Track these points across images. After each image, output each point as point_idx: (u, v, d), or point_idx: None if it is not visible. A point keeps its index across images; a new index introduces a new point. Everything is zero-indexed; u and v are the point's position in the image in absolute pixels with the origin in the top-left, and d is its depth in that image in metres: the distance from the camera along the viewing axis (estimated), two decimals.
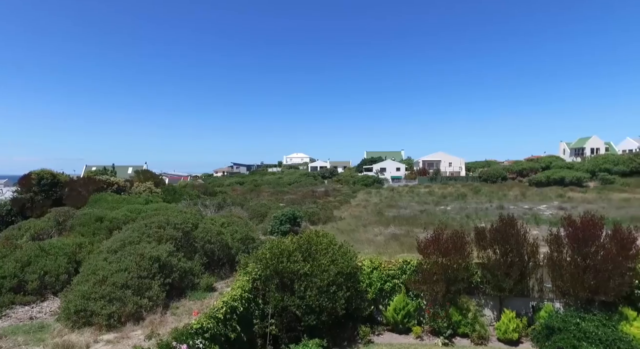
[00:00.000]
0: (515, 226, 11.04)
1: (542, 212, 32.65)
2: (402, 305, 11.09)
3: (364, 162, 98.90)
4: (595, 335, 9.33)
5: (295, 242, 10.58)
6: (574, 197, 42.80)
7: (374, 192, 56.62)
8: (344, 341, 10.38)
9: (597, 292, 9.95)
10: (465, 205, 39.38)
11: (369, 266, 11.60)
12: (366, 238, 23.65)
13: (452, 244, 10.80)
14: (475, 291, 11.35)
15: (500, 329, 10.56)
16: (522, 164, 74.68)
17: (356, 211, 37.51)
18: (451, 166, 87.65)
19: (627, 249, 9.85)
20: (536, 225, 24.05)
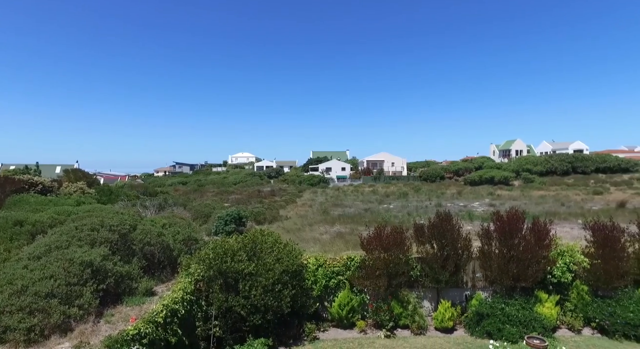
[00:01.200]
0: (451, 221, 11.78)
1: (475, 209, 35.08)
2: (347, 301, 11.37)
3: (310, 162, 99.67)
4: (516, 318, 10.31)
5: (239, 241, 10.42)
6: (502, 195, 46.57)
7: (319, 192, 57.22)
8: (289, 339, 10.40)
9: (519, 279, 10.98)
10: (407, 203, 41.17)
11: (314, 264, 11.75)
12: (312, 237, 23.86)
13: (393, 240, 11.27)
14: (415, 284, 11.95)
15: (438, 318, 11.23)
16: (458, 165, 79.74)
17: (302, 211, 37.67)
18: (394, 165, 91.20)
19: (542, 239, 11.00)
20: (470, 221, 25.80)
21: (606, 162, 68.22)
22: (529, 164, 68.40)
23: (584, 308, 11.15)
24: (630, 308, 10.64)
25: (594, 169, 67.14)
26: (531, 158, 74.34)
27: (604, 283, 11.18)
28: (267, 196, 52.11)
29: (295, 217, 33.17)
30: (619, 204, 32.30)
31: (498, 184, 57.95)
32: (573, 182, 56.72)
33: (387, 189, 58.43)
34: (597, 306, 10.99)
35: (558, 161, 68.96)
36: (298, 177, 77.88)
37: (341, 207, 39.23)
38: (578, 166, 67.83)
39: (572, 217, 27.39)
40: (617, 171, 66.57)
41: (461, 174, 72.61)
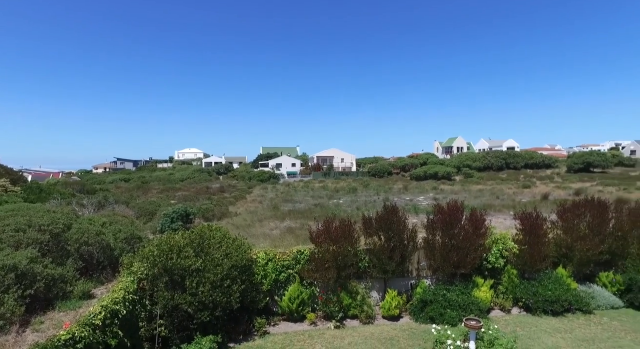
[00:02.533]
0: (398, 213, 12.26)
1: (420, 203, 36.69)
2: (297, 294, 11.45)
3: (260, 158, 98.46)
4: (456, 302, 11.02)
5: (186, 237, 10.08)
6: (445, 189, 49.17)
7: (270, 188, 56.72)
8: (239, 334, 10.29)
9: (459, 266, 11.73)
10: (356, 198, 42.08)
11: (264, 258, 11.69)
12: (262, 232, 23.61)
13: (341, 232, 11.51)
14: (363, 275, 12.31)
15: (385, 307, 11.68)
16: (404, 161, 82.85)
17: (252, 207, 37.14)
18: (343, 161, 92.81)
19: (479, 229, 11.83)
20: (416, 214, 26.96)
21: (533, 158, 74.68)
22: (468, 160, 72.92)
23: (513, 290, 12.19)
24: (549, 287, 11.85)
25: (523, 165, 73.20)
26: (471, 155, 79.34)
27: (530, 266, 12.31)
28: (216, 192, 50.71)
29: (245, 213, 32.65)
30: (543, 196, 35.55)
31: (441, 179, 61.18)
32: (506, 177, 61.39)
33: (336, 184, 59.32)
34: (523, 287, 12.07)
35: (494, 158, 74.25)
36: (248, 173, 76.61)
37: (291, 203, 39.20)
38: (510, 162, 73.53)
39: (505, 208, 29.59)
40: (542, 166, 73.21)
41: (407, 169, 75.61)
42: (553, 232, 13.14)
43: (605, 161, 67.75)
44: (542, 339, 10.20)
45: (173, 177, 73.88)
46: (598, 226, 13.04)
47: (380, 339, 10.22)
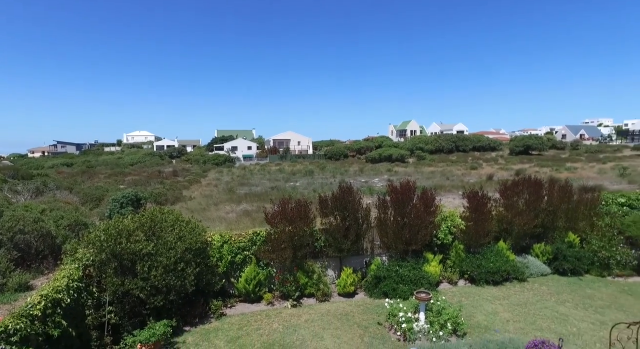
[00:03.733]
0: (353, 193, 12.50)
1: (375, 185, 37.71)
2: (253, 275, 11.44)
3: (215, 141, 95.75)
4: (408, 277, 11.55)
5: (136, 220, 9.65)
6: (399, 171, 50.82)
7: (225, 171, 55.61)
8: (195, 318, 10.15)
9: (411, 243, 12.26)
10: (313, 180, 42.43)
11: (219, 241, 11.52)
12: (218, 216, 23.26)
13: (297, 213, 11.58)
14: (320, 254, 12.53)
15: (341, 285, 12.00)
16: (360, 144, 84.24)
17: (207, 190, 36.32)
18: (300, 144, 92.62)
19: (429, 207, 12.39)
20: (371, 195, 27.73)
21: (480, 142, 78.85)
22: (421, 143, 75.53)
23: (460, 264, 13.00)
24: (491, 259, 12.78)
25: (471, 148, 77.15)
26: (423, 138, 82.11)
27: (475, 241, 13.15)
28: (169, 176, 48.91)
29: (200, 197, 31.90)
30: (488, 177, 37.86)
31: (395, 162, 63.00)
32: (456, 159, 64.41)
33: (293, 167, 59.30)
34: (469, 261, 12.91)
35: (445, 141, 77.47)
36: (202, 156, 74.34)
37: (248, 186, 38.79)
38: (460, 145, 77.15)
39: (454, 189, 31.25)
40: (488, 149, 77.63)
41: (363, 152, 77.03)
42: (496, 210, 14.07)
43: (542, 144, 73.18)
44: (483, 306, 11.02)
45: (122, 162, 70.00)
46: (534, 203, 14.15)
47: (336, 315, 10.53)
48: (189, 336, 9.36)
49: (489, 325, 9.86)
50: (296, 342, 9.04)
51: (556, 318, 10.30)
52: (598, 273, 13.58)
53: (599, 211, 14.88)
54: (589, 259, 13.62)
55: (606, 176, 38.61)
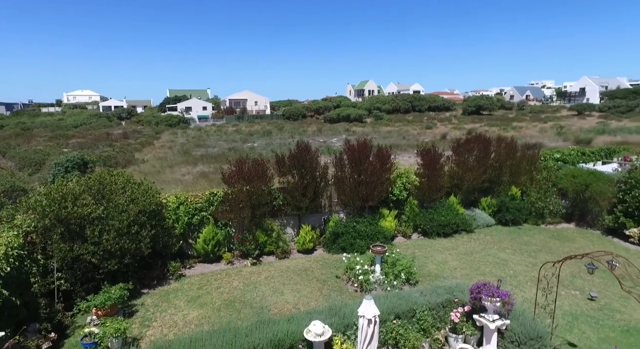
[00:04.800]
0: (310, 151, 12.49)
1: (333, 144, 37.94)
2: (212, 235, 11.37)
3: (167, 101, 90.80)
4: (365, 232, 12.01)
5: (82, 183, 9.10)
6: (357, 131, 51.28)
7: (180, 133, 53.39)
8: (153, 280, 10.03)
9: (367, 200, 12.63)
10: (271, 141, 41.93)
11: (175, 202, 11.22)
12: (173, 178, 22.60)
13: (254, 172, 11.45)
14: (278, 213, 12.62)
15: (300, 242, 12.26)
16: (318, 104, 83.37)
17: (161, 153, 34.90)
18: (257, 104, 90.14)
19: (385, 164, 12.70)
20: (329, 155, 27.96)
21: (435, 102, 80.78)
22: (379, 103, 76.07)
23: (413, 218, 13.66)
24: (442, 213, 13.54)
25: (427, 108, 78.94)
26: (381, 98, 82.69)
27: (428, 196, 13.80)
28: (119, 138, 46.25)
29: (153, 160, 30.69)
30: (442, 136, 39.30)
31: (353, 122, 63.30)
32: (412, 119, 65.82)
33: (251, 128, 58.04)
34: (422, 215, 13.60)
35: (402, 101, 78.51)
36: (154, 118, 70.50)
37: (204, 148, 37.68)
38: (416, 105, 78.62)
39: (410, 148, 32.18)
40: (442, 109, 79.88)
41: (321, 112, 76.49)
42: (448, 166, 14.72)
43: (492, 105, 76.33)
44: (434, 256, 11.80)
45: (64, 123, 64.81)
46: (482, 159, 14.93)
47: (296, 271, 10.84)
48: (148, 298, 9.29)
49: (439, 273, 10.61)
50: (256, 298, 9.26)
51: (497, 263, 11.28)
52: (534, 222, 14.88)
53: (538, 166, 16.01)
54: (527, 210, 14.83)
55: (546, 134, 41.39)
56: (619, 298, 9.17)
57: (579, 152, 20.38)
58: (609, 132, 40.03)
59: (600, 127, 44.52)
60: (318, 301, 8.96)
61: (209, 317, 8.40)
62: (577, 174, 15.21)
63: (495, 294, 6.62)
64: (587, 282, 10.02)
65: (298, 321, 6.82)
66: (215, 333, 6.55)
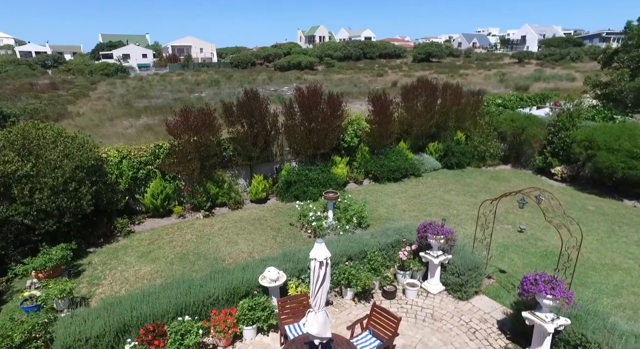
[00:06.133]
0: (259, 99, 12.02)
1: (284, 93, 36.92)
2: (160, 189, 10.94)
3: (101, 48, 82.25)
4: (317, 180, 12.14)
5: (2, 139, 8.17)
6: (308, 79, 49.99)
7: (119, 83, 49.15)
8: (99, 238, 9.61)
9: (319, 147, 12.62)
10: (219, 91, 39.92)
11: (117, 156, 10.52)
12: (115, 132, 21.11)
13: (201, 122, 10.90)
14: (229, 163, 12.31)
15: (252, 192, 12.17)
16: (268, 51, 79.65)
17: (99, 105, 32.14)
18: (202, 52, 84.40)
19: (336, 111, 12.60)
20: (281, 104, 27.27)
21: (387, 49, 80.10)
22: (330, 49, 74.05)
23: (365, 164, 13.96)
24: (392, 159, 13.96)
25: (378, 55, 78.26)
26: (332, 44, 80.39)
27: (379, 142, 14.05)
28: (46, 89, 41.66)
29: (90, 112, 28.32)
30: (393, 84, 39.53)
31: (305, 70, 61.60)
32: (363, 66, 65.20)
33: (197, 77, 54.68)
34: (373, 162, 13.92)
35: (353, 47, 76.95)
36: (87, 66, 63.86)
37: (147, 99, 35.19)
38: (367, 52, 77.58)
39: (362, 96, 32.07)
40: (393, 56, 79.63)
41: (271, 60, 73.41)
42: (397, 112, 14.93)
43: (441, 52, 77.19)
44: (385, 201, 12.29)
45: None
46: (430, 105, 15.27)
47: (249, 221, 10.85)
48: (95, 257, 8.94)
49: (389, 216, 11.12)
50: (211, 250, 9.23)
51: (442, 205, 12.01)
52: (476, 164, 15.83)
53: (481, 111, 16.72)
54: (470, 154, 15.68)
55: (490, 81, 42.99)
56: (542, 228, 10.24)
57: (517, 98, 21.52)
58: (543, 79, 42.34)
59: (536, 75, 46.91)
60: (272, 249, 9.13)
61: (162, 271, 8.29)
62: (515, 118, 16.12)
63: (439, 232, 7.07)
64: (518, 216, 11.02)
65: (253, 269, 6.93)
66: (169, 286, 6.51)
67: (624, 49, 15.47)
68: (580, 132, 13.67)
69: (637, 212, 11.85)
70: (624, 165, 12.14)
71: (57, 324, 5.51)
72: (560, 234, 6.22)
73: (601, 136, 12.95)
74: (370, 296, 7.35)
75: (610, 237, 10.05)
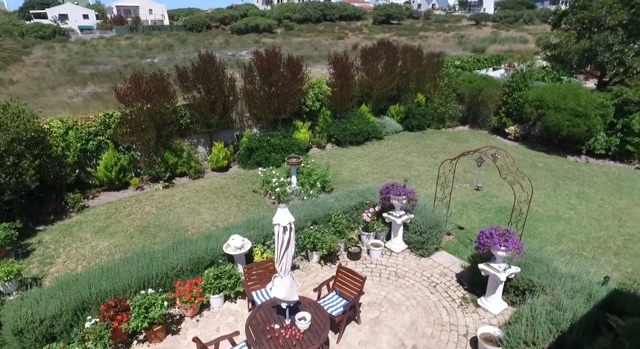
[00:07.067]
0: (215, 63, 11.40)
1: (243, 58, 35.38)
2: (114, 161, 10.34)
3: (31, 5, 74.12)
4: (279, 146, 11.94)
5: None
6: (267, 43, 48.07)
7: (58, 47, 44.91)
8: (49, 215, 9.04)
9: (280, 112, 12.33)
10: (174, 56, 37.58)
11: (61, 127, 9.73)
12: (58, 101, 19.47)
13: (154, 88, 10.25)
14: (187, 132, 11.79)
15: (213, 160, 11.81)
16: (223, 12, 75.24)
17: (36, 72, 29.35)
18: (152, 13, 78.41)
19: (296, 74, 12.24)
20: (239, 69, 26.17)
21: (347, 10, 78.04)
22: (289, 11, 71.13)
23: (327, 129, 13.87)
24: (354, 122, 13.95)
25: (338, 17, 76.17)
26: (291, 5, 77.11)
27: (340, 106, 13.92)
28: None
29: (26, 80, 25.83)
30: (354, 47, 38.89)
31: (263, 33, 59.05)
32: (324, 29, 63.40)
33: (148, 41, 51.03)
34: (335, 126, 13.84)
35: (312, 9, 74.27)
36: (17, 27, 57.58)
37: (93, 65, 32.53)
38: (327, 14, 75.26)
39: (322, 59, 31.29)
40: (353, 18, 77.92)
41: (227, 22, 69.61)
42: (358, 75, 14.75)
43: (401, 14, 76.38)
44: (347, 164, 12.36)
45: None
46: (390, 67, 15.19)
47: (211, 189, 10.59)
48: (46, 235, 8.44)
49: (352, 179, 11.22)
50: (172, 221, 8.97)
51: (404, 166, 12.27)
52: (436, 126, 16.18)
53: (441, 73, 16.88)
54: (430, 116, 15.96)
55: (448, 43, 43.34)
56: (496, 185, 10.78)
57: (475, 60, 21.90)
58: (499, 41, 43.22)
59: (492, 37, 47.73)
60: (236, 217, 9.01)
61: (122, 245, 8.00)
62: (472, 79, 16.45)
63: (401, 193, 7.23)
64: (475, 175, 11.51)
65: (217, 238, 6.82)
66: (129, 260, 6.29)
67: (571, 11, 15.97)
68: (532, 93, 14.22)
69: (578, 167, 12.73)
70: (568, 123, 12.85)
71: (5, 308, 5.20)
72: (514, 190, 6.54)
73: (550, 95, 13.54)
74: (336, 258, 7.51)
75: (555, 191, 10.78)
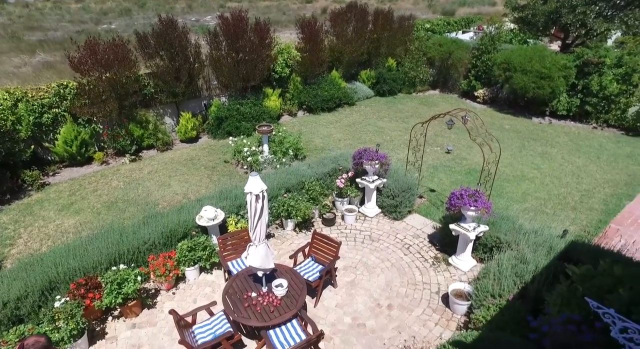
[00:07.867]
0: (177, 27, 10.73)
1: (208, 23, 33.58)
2: (74, 135, 9.76)
3: None
4: (249, 114, 11.64)
5: None
6: (233, 7, 45.59)
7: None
8: (4, 195, 8.53)
9: (249, 79, 11.91)
10: (132, 21, 35.16)
11: (9, 99, 9.01)
12: (3, 72, 18.02)
13: (113, 55, 9.57)
14: (152, 102, 11.23)
15: (181, 131, 11.39)
16: None
17: None
18: None
19: (264, 39, 11.75)
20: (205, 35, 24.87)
21: None
22: None
23: (298, 95, 13.57)
24: (325, 88, 13.71)
25: None
26: None
27: (311, 71, 13.58)
28: None
29: None
30: (323, 10, 37.67)
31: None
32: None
33: (102, 5, 47.30)
34: (306, 92, 13.55)
35: None
36: None
37: (41, 31, 29.99)
38: None
39: (291, 24, 30.11)
40: None
41: None
42: (328, 39, 14.32)
43: None
44: (320, 131, 12.24)
45: None
46: (361, 31, 14.82)
47: (181, 161, 10.28)
48: (3, 216, 7.98)
49: (325, 146, 11.15)
50: (142, 195, 8.70)
51: (376, 131, 12.28)
52: (407, 91, 16.16)
53: (411, 36, 16.65)
54: (402, 80, 15.88)
55: (419, 6, 42.67)
56: (466, 148, 11.02)
57: (445, 23, 21.71)
58: (468, 4, 42.98)
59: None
60: (208, 188, 8.83)
61: (89, 222, 7.70)
62: (443, 42, 16.34)
63: (374, 158, 7.24)
64: (445, 139, 11.69)
65: (189, 210, 6.68)
66: (98, 237, 6.08)
67: None
68: (500, 55, 14.32)
69: (542, 128, 13.17)
70: (534, 85, 13.12)
71: None
72: (483, 151, 6.67)
73: (517, 58, 13.69)
74: (311, 225, 7.56)
75: (521, 151, 11.15)
